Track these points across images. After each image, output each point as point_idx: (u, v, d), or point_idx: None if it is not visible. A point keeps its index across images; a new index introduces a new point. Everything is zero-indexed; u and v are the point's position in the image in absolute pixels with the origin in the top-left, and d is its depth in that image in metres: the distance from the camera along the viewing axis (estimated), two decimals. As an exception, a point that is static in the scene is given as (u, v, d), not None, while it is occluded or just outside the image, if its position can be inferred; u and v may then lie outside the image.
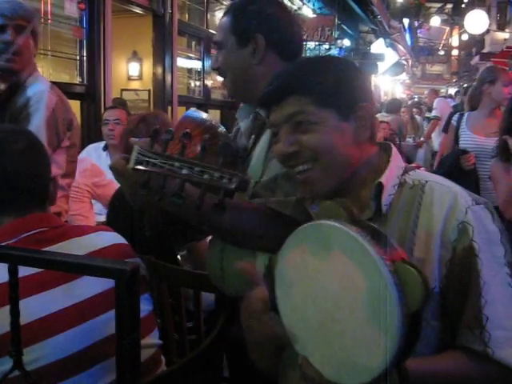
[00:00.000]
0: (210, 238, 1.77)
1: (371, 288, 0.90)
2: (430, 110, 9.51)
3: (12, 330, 1.10)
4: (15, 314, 1.09)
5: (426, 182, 1.19)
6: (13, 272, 1.08)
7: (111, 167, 1.30)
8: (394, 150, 1.27)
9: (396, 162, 1.24)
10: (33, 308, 1.28)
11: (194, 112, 1.78)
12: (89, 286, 1.36)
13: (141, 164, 1.16)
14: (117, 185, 3.08)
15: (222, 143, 1.58)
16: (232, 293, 1.70)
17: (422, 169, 4.52)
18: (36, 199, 1.46)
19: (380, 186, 1.18)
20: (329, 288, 0.97)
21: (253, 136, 1.74)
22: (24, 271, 1.14)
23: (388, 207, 1.18)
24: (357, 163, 1.22)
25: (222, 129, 1.72)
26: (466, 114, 4.07)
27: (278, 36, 1.65)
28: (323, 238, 0.99)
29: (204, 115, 1.74)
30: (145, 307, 1.50)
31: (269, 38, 1.64)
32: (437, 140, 7.73)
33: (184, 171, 1.12)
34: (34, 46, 2.41)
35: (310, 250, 1.01)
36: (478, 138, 3.84)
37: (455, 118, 4.13)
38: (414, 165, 5.65)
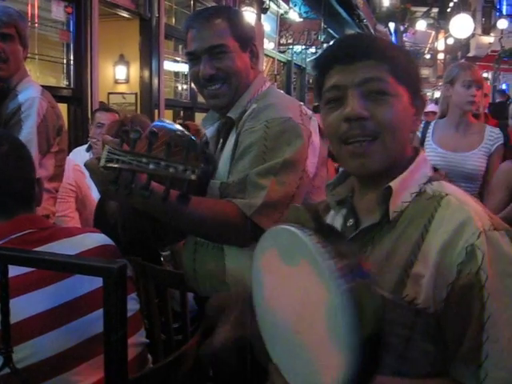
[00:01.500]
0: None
1: (329, 303, 0.83)
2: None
3: (2, 328, 1.12)
4: (5, 312, 1.12)
5: (446, 195, 1.08)
6: (3, 271, 1.11)
7: (86, 166, 1.37)
8: (423, 156, 1.16)
9: (420, 168, 1.14)
10: (22, 307, 1.30)
11: (166, 122, 1.84)
12: (77, 286, 1.39)
13: (111, 162, 1.23)
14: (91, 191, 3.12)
15: (187, 139, 1.65)
16: (204, 293, 1.75)
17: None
18: (22, 201, 1.48)
19: (389, 191, 1.08)
20: (294, 297, 0.91)
21: (221, 140, 1.79)
22: (13, 271, 1.17)
23: (398, 214, 1.09)
24: (403, 154, 1.13)
25: (193, 138, 1.77)
26: (432, 123, 3.36)
27: (257, 43, 1.78)
28: (290, 244, 0.92)
29: (175, 126, 1.79)
30: (131, 307, 1.52)
31: (256, 44, 1.76)
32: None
33: (151, 166, 1.20)
34: (22, 51, 2.39)
35: (280, 255, 0.95)
36: (445, 153, 3.17)
37: (420, 127, 3.31)
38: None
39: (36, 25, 5.17)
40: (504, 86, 18.07)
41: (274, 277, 0.97)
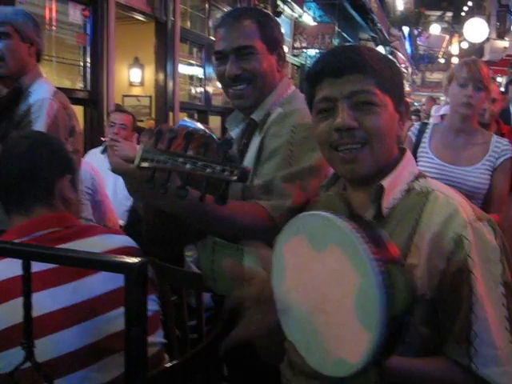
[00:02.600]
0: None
1: (360, 285, 0.89)
2: (429, 117, 9.57)
3: (24, 322, 1.14)
4: (28, 306, 1.14)
5: (433, 190, 1.19)
6: (26, 267, 1.13)
7: (114, 170, 1.37)
8: (408, 155, 1.27)
9: (407, 167, 1.24)
10: (44, 302, 1.32)
11: (189, 122, 1.84)
12: (99, 284, 1.40)
13: (146, 161, 1.23)
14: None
15: (223, 140, 1.66)
16: (223, 292, 1.76)
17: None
18: (39, 198, 1.49)
19: (381, 189, 1.17)
20: (320, 279, 0.97)
21: (244, 141, 1.80)
22: (36, 267, 1.19)
23: (390, 211, 1.18)
24: (390, 156, 1.23)
25: (215, 137, 1.78)
26: (430, 126, 2.82)
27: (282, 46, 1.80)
28: (321, 229, 0.99)
29: (198, 124, 1.80)
30: (151, 307, 1.53)
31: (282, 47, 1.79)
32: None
33: (188, 166, 1.19)
34: (29, 47, 2.38)
35: (307, 240, 1.01)
36: (443, 165, 2.63)
37: (414, 129, 2.86)
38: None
39: (53, 28, 5.23)
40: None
41: (298, 260, 1.04)
